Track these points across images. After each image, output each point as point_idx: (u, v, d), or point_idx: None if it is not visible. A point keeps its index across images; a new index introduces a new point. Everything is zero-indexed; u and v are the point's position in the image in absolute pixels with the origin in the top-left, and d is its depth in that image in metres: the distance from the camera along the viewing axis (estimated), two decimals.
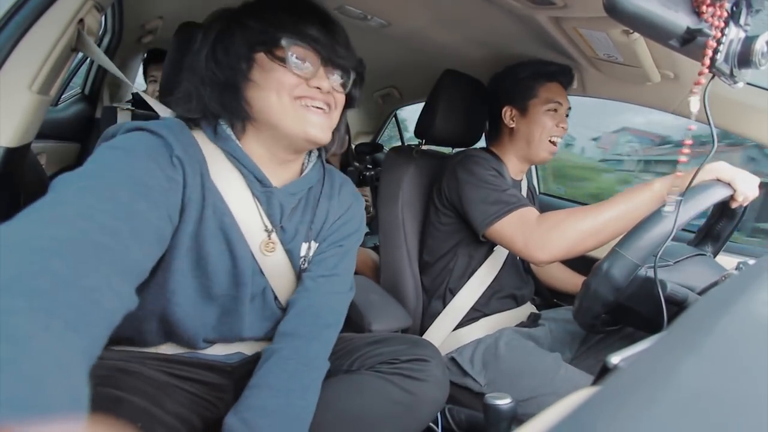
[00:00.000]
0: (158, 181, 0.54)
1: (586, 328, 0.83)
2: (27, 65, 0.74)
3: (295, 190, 0.71)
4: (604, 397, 0.19)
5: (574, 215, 0.89)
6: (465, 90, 1.18)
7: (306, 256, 0.74)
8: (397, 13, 1.20)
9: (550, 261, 0.91)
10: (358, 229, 0.81)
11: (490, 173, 1.01)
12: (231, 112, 0.64)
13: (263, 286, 0.71)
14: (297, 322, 0.70)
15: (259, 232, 0.68)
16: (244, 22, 0.63)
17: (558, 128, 1.10)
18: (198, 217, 0.62)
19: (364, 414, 0.69)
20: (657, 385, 0.19)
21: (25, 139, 0.79)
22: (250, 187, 0.67)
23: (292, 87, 0.62)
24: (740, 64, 0.57)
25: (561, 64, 1.13)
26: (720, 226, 0.88)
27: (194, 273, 0.64)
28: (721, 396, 0.18)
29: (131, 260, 0.46)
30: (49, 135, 1.73)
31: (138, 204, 0.50)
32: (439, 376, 0.73)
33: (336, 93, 0.66)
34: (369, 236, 1.91)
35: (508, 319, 1.10)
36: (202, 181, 0.62)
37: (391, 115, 2.49)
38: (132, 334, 0.66)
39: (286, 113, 0.63)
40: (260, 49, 0.62)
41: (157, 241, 0.53)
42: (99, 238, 0.43)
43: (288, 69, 0.61)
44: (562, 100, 1.11)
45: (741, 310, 0.26)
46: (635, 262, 0.69)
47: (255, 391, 0.61)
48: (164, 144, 0.58)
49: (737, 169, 0.78)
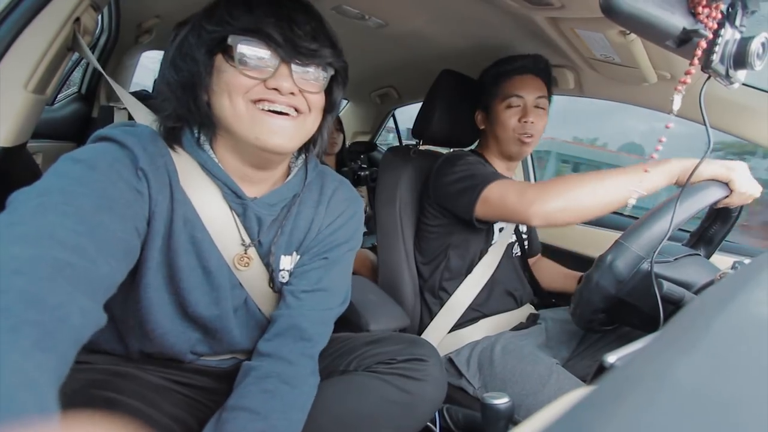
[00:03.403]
0: (122, 194, 0.52)
1: (583, 325, 0.83)
2: (23, 64, 0.73)
3: (274, 200, 0.66)
4: (600, 396, 0.19)
5: (572, 176, 0.87)
6: (462, 90, 1.19)
7: (288, 270, 0.71)
8: (395, 13, 1.20)
9: (546, 217, 0.83)
10: (351, 238, 0.75)
11: (470, 162, 1.02)
12: (196, 118, 0.61)
13: (243, 297, 0.68)
14: (278, 343, 0.66)
15: (235, 245, 0.64)
16: (199, 24, 0.58)
17: (522, 124, 1.05)
18: (166, 230, 0.59)
19: (362, 415, 0.68)
20: (653, 384, 0.19)
21: (20, 138, 0.79)
22: (226, 199, 0.63)
23: (246, 89, 0.56)
24: (736, 64, 0.57)
25: (527, 56, 1.09)
26: (713, 229, 0.88)
27: (168, 289, 0.62)
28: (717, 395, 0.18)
29: (97, 276, 0.44)
30: (45, 134, 1.71)
31: (102, 217, 0.48)
32: (437, 375, 0.72)
33: (308, 94, 0.59)
34: (366, 236, 1.91)
35: (507, 320, 1.10)
36: (171, 192, 0.59)
37: (388, 115, 2.49)
38: (119, 348, 0.66)
39: (240, 118, 0.57)
40: (217, 51, 0.57)
41: (124, 255, 0.51)
42: (61, 255, 0.42)
43: (237, 69, 0.56)
44: (525, 93, 1.06)
45: (737, 309, 0.26)
46: (639, 254, 0.69)
47: (233, 414, 0.58)
48: (129, 155, 0.55)
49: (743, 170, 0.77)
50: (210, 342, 0.68)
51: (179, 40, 0.60)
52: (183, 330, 0.65)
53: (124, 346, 0.65)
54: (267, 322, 0.71)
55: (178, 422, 0.62)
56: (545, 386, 0.88)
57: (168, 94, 0.61)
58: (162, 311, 0.62)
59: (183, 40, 0.59)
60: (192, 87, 0.59)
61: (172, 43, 0.61)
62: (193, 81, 0.58)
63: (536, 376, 0.90)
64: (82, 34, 0.82)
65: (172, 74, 0.60)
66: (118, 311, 0.62)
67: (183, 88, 0.59)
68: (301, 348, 0.66)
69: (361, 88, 2.20)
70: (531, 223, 0.86)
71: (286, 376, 0.63)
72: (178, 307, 0.63)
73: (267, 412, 0.58)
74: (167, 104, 0.61)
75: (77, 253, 0.43)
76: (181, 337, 0.65)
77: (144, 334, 0.63)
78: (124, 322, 0.63)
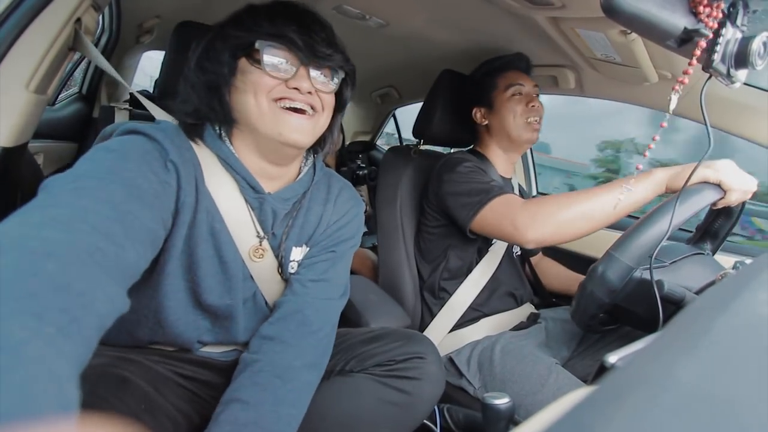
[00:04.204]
0: (152, 185, 0.55)
1: (584, 328, 0.83)
2: (24, 64, 0.73)
3: (288, 195, 0.71)
4: (601, 396, 0.19)
5: (561, 197, 0.88)
6: (463, 90, 1.19)
7: (297, 261, 0.74)
8: (396, 13, 1.20)
9: (540, 242, 0.88)
10: (354, 236, 0.80)
11: (470, 169, 1.02)
12: (218, 116, 0.65)
13: (253, 290, 0.71)
14: (281, 327, 0.69)
15: (251, 238, 0.68)
16: (226, 32, 0.64)
17: (530, 108, 1.09)
18: (191, 220, 0.62)
19: (360, 417, 0.69)
20: (654, 384, 0.19)
21: (21, 138, 0.79)
22: (243, 192, 0.67)
23: (270, 89, 0.62)
24: (737, 64, 0.57)
25: (511, 54, 1.15)
26: (718, 223, 0.88)
27: (185, 276, 0.64)
28: (718, 395, 0.18)
29: (125, 262, 0.46)
30: (47, 134, 1.72)
31: (131, 206, 0.50)
32: (435, 372, 0.73)
33: (322, 94, 0.66)
34: (367, 236, 1.92)
35: (508, 320, 1.10)
36: (197, 185, 0.62)
37: (389, 115, 2.49)
38: (125, 338, 0.67)
39: (263, 115, 0.62)
40: (241, 55, 0.63)
41: (150, 243, 0.53)
42: (93, 240, 0.43)
43: (263, 71, 0.62)
44: (523, 81, 1.11)
45: (738, 309, 0.26)
46: (629, 264, 0.70)
47: (226, 407, 0.61)
48: (159, 148, 0.59)
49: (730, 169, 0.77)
50: (217, 332, 0.70)
51: (204, 44, 0.66)
52: (194, 318, 0.67)
53: (131, 336, 0.66)
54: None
55: (181, 413, 0.64)
56: (545, 386, 0.88)
57: (191, 94, 0.66)
58: (176, 298, 0.64)
59: (209, 45, 0.65)
60: (217, 87, 0.64)
61: (196, 49, 0.67)
62: (218, 81, 0.64)
63: (536, 375, 0.90)
64: (83, 34, 0.82)
65: (197, 75, 0.65)
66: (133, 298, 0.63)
67: (208, 88, 0.65)
68: (303, 332, 0.69)
69: (362, 88, 2.20)
70: (526, 247, 0.92)
71: (280, 368, 0.65)
72: (191, 294, 0.66)
73: (257, 404, 0.61)
74: (187, 104, 0.66)
75: (108, 238, 0.44)
76: (191, 325, 0.67)
77: (156, 321, 0.65)
78: (136, 310, 0.64)
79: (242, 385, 0.64)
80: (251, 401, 0.61)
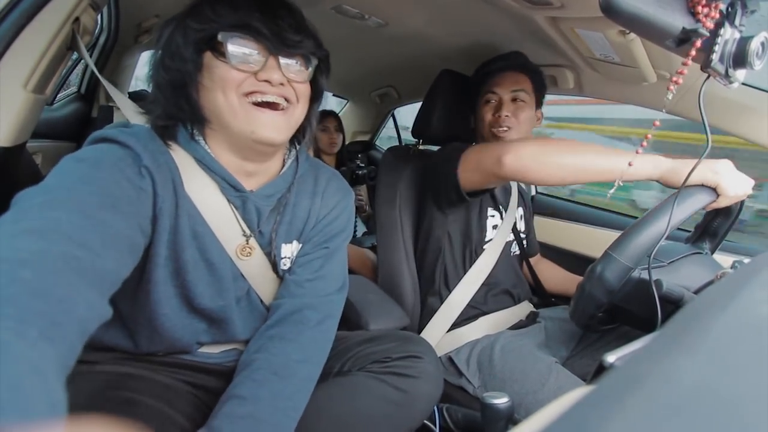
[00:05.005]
0: (125, 192, 0.53)
1: (583, 328, 0.83)
2: (22, 64, 0.73)
3: (271, 191, 0.69)
4: (599, 396, 0.19)
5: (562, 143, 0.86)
6: (462, 90, 1.19)
7: (289, 257, 0.73)
8: (395, 12, 1.20)
9: (514, 170, 0.83)
10: (345, 228, 0.78)
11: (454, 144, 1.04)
12: (188, 115, 0.62)
13: (246, 289, 0.70)
14: (280, 328, 0.69)
15: (237, 236, 0.66)
16: (186, 24, 0.60)
17: (496, 118, 1.09)
18: (172, 225, 0.60)
19: (359, 416, 0.69)
20: (653, 383, 0.19)
21: (20, 138, 0.79)
22: (224, 192, 0.65)
23: (238, 83, 0.58)
24: (735, 64, 0.57)
25: (507, 54, 1.15)
26: (717, 222, 0.88)
27: (174, 282, 0.63)
28: (717, 394, 0.18)
29: (102, 270, 0.45)
30: (45, 134, 1.71)
31: (105, 214, 0.49)
32: (432, 371, 0.73)
33: (296, 84, 0.62)
34: (366, 236, 1.91)
35: (506, 318, 1.10)
36: (175, 189, 0.60)
37: (388, 115, 2.49)
38: (127, 345, 0.66)
39: (234, 113, 0.59)
40: (205, 49, 0.59)
41: (128, 251, 0.52)
42: (68, 249, 0.42)
43: (229, 64, 0.58)
44: (497, 89, 1.10)
45: (737, 309, 0.26)
46: (627, 264, 0.70)
47: (224, 404, 0.61)
48: (131, 154, 0.57)
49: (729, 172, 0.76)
50: (214, 332, 0.70)
51: (165, 40, 0.61)
52: (189, 322, 0.67)
53: (132, 342, 0.66)
54: (267, 313, 0.73)
55: (191, 422, 0.63)
56: (544, 385, 0.88)
57: (158, 95, 0.62)
58: (169, 305, 0.63)
59: (169, 40, 0.61)
60: (183, 85, 0.60)
61: (157, 44, 0.63)
62: (183, 79, 0.60)
63: (535, 375, 0.90)
64: (82, 33, 0.82)
65: (162, 74, 0.62)
66: (127, 308, 0.63)
67: (173, 87, 0.61)
68: (302, 329, 0.68)
69: (361, 87, 2.20)
70: (503, 171, 0.84)
71: (277, 366, 0.65)
72: (183, 300, 0.65)
73: (254, 398, 0.61)
74: (156, 105, 0.63)
75: (83, 246, 0.44)
76: (188, 329, 0.67)
77: (153, 329, 0.64)
78: (133, 318, 0.64)
79: (239, 382, 0.63)
80: (248, 396, 0.61)
